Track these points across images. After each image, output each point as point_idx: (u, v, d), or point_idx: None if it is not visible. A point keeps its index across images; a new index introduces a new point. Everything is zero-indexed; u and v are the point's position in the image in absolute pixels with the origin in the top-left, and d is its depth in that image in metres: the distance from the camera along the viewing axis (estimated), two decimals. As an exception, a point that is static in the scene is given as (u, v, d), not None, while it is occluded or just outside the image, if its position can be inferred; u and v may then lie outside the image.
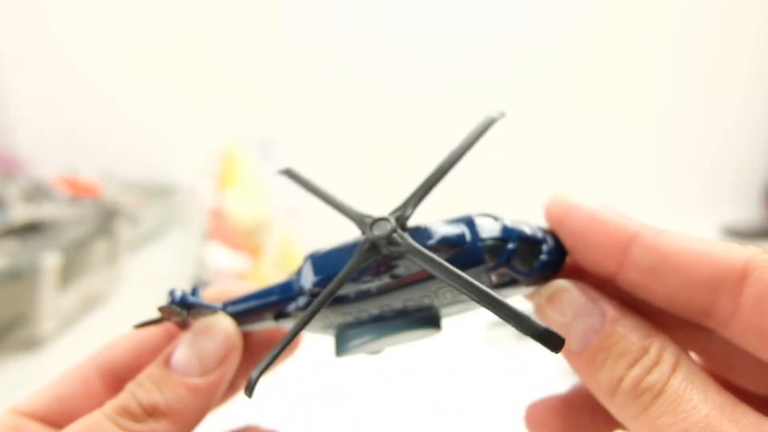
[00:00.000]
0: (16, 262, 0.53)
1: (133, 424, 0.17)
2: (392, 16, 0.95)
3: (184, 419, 0.17)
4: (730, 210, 0.98)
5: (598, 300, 0.16)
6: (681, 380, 0.14)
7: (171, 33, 0.96)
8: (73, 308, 0.61)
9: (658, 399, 0.14)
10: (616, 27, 0.96)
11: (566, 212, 0.17)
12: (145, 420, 0.17)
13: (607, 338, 0.15)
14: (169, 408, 0.17)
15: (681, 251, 0.15)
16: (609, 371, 0.15)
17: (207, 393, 0.17)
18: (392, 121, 0.98)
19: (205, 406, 0.18)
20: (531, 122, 0.99)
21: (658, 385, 0.14)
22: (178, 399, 0.17)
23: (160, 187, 0.94)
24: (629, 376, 0.15)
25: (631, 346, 0.15)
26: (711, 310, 0.15)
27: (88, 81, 0.99)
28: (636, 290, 0.16)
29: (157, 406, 0.17)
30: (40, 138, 1.01)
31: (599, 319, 0.16)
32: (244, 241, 0.68)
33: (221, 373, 0.18)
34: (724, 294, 0.15)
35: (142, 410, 0.17)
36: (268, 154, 0.74)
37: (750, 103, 1.00)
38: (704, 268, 0.15)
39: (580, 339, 0.16)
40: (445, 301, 0.18)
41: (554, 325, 0.16)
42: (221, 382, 0.18)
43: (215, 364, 0.18)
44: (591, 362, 0.15)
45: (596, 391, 0.16)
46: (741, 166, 1.03)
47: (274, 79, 0.96)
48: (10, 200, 0.65)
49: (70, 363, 0.21)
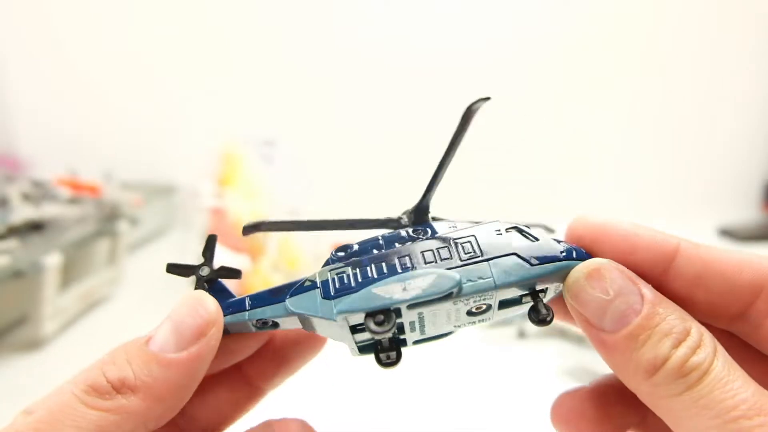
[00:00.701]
0: (18, 262, 0.53)
1: (100, 402, 0.16)
2: (393, 15, 0.95)
3: (155, 394, 0.17)
4: (728, 211, 0.98)
5: (637, 281, 0.16)
6: (723, 362, 0.15)
7: (171, 33, 0.96)
8: (74, 308, 0.61)
9: (705, 377, 0.14)
10: (616, 28, 0.96)
11: (601, 232, 0.18)
12: (113, 396, 0.16)
13: (650, 318, 0.16)
14: (139, 382, 0.17)
15: (723, 259, 0.17)
16: (652, 350, 0.15)
17: (181, 368, 0.17)
18: (393, 121, 0.98)
19: (181, 382, 0.17)
20: (530, 124, 0.99)
21: (705, 364, 0.15)
22: (148, 373, 0.17)
23: (161, 187, 0.94)
24: (676, 355, 0.15)
25: (674, 327, 0.15)
26: (748, 312, 0.17)
27: (89, 81, 0.99)
28: (678, 301, 0.17)
29: (125, 381, 0.17)
30: (41, 138, 1.01)
31: (639, 299, 0.16)
32: (244, 241, 0.68)
33: (198, 350, 0.17)
34: (764, 296, 0.16)
35: (111, 386, 0.17)
36: (268, 154, 0.74)
37: (749, 104, 1.00)
38: (747, 273, 0.17)
39: (618, 318, 0.16)
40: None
41: (592, 302, 0.16)
42: (199, 359, 0.17)
43: (191, 339, 0.17)
44: (629, 342, 0.16)
45: (631, 370, 0.16)
46: (740, 168, 1.03)
47: (274, 79, 0.96)
48: (12, 200, 0.65)
49: (71, 362, 0.21)
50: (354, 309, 0.18)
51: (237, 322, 0.19)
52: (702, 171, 1.02)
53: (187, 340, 0.17)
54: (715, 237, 0.92)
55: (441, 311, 0.18)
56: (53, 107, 1.00)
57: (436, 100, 0.97)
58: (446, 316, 0.19)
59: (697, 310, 0.17)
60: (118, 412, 0.16)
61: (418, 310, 0.18)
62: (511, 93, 0.98)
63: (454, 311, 0.18)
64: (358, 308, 0.17)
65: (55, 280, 0.56)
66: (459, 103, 0.88)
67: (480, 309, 0.18)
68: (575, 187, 1.00)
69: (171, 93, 0.98)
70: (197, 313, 0.18)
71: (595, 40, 0.96)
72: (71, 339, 0.59)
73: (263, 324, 0.20)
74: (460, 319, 0.19)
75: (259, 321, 0.19)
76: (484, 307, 0.18)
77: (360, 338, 0.19)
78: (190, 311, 0.18)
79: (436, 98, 0.97)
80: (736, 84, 0.99)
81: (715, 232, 0.93)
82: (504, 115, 0.98)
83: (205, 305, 0.18)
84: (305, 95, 0.97)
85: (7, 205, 0.64)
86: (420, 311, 0.18)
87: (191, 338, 0.17)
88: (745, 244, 0.89)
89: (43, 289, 0.55)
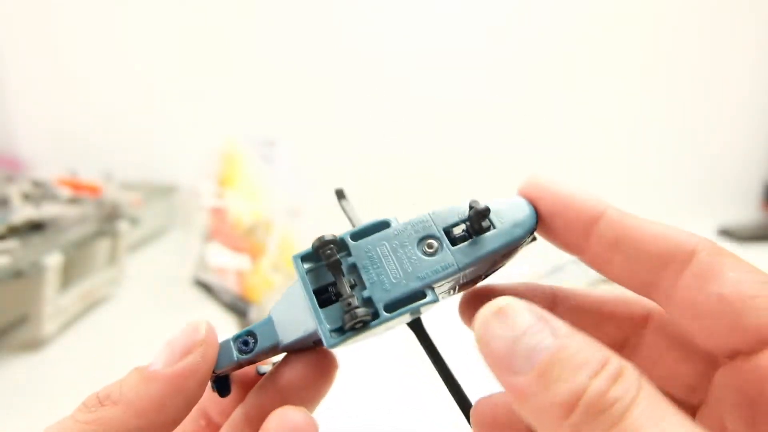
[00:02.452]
0: (18, 262, 0.53)
1: (84, 415, 0.17)
2: (394, 15, 0.95)
3: (136, 408, 0.17)
4: (728, 211, 0.98)
5: (547, 318, 0.15)
6: (649, 393, 0.13)
7: (171, 33, 0.96)
8: (74, 308, 0.61)
9: (629, 412, 0.13)
10: (615, 24, 0.96)
11: (542, 191, 0.20)
12: (97, 409, 0.17)
13: (563, 350, 0.14)
14: (121, 396, 0.17)
15: (641, 227, 0.18)
16: (566, 384, 0.13)
17: (165, 383, 0.17)
18: (393, 121, 0.98)
19: (162, 396, 0.17)
20: (530, 119, 0.99)
21: (628, 396, 0.13)
22: (131, 387, 0.17)
23: (161, 186, 0.94)
24: (593, 386, 0.13)
25: (591, 357, 0.14)
26: (659, 282, 0.17)
27: (89, 81, 0.99)
28: (599, 265, 0.18)
29: (109, 395, 0.17)
30: (41, 138, 1.01)
31: (550, 335, 0.14)
32: (244, 241, 0.68)
33: (185, 366, 0.18)
34: (672, 268, 0.17)
35: (97, 400, 0.17)
36: (268, 154, 0.74)
37: (749, 104, 1.00)
38: (660, 244, 0.17)
39: (528, 356, 0.14)
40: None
41: (499, 341, 0.15)
42: (186, 375, 0.18)
43: (179, 356, 0.18)
44: (542, 380, 0.14)
45: (547, 415, 0.14)
46: (740, 168, 1.03)
47: (274, 78, 0.96)
48: (12, 200, 0.65)
49: (71, 362, 0.21)
50: None
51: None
52: (702, 170, 1.02)
53: (176, 357, 0.18)
54: (715, 237, 0.92)
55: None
56: (53, 107, 1.00)
57: (437, 100, 0.97)
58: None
59: (613, 274, 0.18)
60: (97, 424, 0.17)
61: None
62: (509, 90, 0.98)
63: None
64: None
65: (55, 280, 0.57)
66: (459, 104, 0.88)
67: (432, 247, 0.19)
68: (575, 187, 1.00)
69: (171, 93, 0.98)
70: (188, 334, 0.18)
71: (594, 39, 0.96)
72: (71, 339, 0.59)
73: (244, 344, 0.20)
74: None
75: (238, 340, 0.20)
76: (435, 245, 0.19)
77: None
78: (182, 333, 0.19)
79: (436, 98, 0.97)
80: (736, 83, 0.99)
81: (715, 231, 0.93)
82: (503, 113, 0.98)
83: (198, 328, 0.19)
84: (305, 95, 0.97)
85: (8, 205, 0.64)
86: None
87: (179, 355, 0.18)
88: (745, 244, 0.89)
89: (43, 289, 0.55)
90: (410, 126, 0.98)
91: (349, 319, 0.18)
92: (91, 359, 0.55)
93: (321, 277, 0.19)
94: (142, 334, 0.60)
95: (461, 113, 0.98)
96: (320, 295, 0.19)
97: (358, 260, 0.19)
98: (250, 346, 0.20)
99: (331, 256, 0.19)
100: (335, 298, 0.19)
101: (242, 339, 0.20)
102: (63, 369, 0.53)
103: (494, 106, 0.98)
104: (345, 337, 0.18)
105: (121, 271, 0.71)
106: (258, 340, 0.20)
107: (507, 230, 0.19)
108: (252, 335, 0.20)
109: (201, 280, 0.72)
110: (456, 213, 0.20)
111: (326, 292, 0.19)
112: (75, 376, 0.51)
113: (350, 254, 0.19)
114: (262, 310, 0.62)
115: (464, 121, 0.98)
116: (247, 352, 0.20)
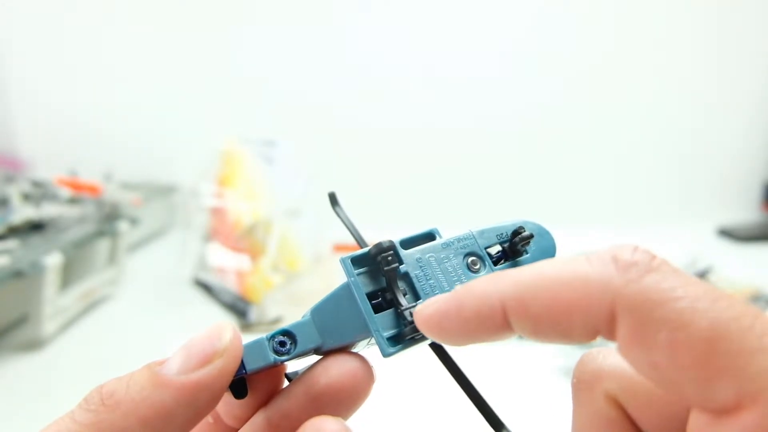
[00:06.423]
0: (18, 262, 0.53)
1: (84, 415, 0.15)
2: (394, 19, 0.95)
3: (139, 415, 0.15)
4: (728, 211, 0.98)
5: None
6: None
7: (171, 33, 0.96)
8: (74, 308, 0.61)
9: None
10: (614, 30, 0.96)
11: None
12: (98, 408, 0.16)
13: None
14: (126, 398, 0.16)
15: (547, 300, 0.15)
16: None
17: (176, 392, 0.16)
18: (393, 122, 0.98)
19: (173, 407, 0.16)
20: (531, 123, 0.99)
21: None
22: (139, 388, 0.16)
23: (161, 186, 0.94)
24: None
25: None
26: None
27: (89, 81, 0.99)
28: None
29: (113, 394, 0.16)
30: (41, 138, 1.01)
31: None
32: (243, 241, 0.68)
33: (200, 378, 0.16)
34: (604, 335, 0.15)
35: (99, 398, 0.16)
36: (268, 154, 0.74)
37: (749, 104, 1.00)
38: (578, 323, 0.14)
39: None
40: None
41: None
42: (200, 386, 0.16)
43: (195, 365, 0.16)
44: None
45: None
46: (740, 168, 1.03)
47: (275, 79, 0.96)
48: (12, 200, 0.65)
49: (71, 362, 0.21)
50: None
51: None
52: (702, 171, 1.02)
53: (192, 365, 0.16)
54: (714, 237, 0.92)
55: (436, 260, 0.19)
56: (53, 107, 1.00)
57: (436, 100, 0.97)
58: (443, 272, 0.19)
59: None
60: (95, 429, 0.15)
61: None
62: (513, 99, 0.98)
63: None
64: None
65: (55, 280, 0.57)
66: (460, 105, 0.88)
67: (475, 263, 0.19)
68: (575, 187, 1.00)
69: (171, 93, 0.98)
70: (209, 339, 0.17)
71: (594, 42, 0.96)
72: (71, 339, 0.59)
73: (281, 344, 0.19)
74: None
75: (274, 339, 0.19)
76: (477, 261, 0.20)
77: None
78: (203, 337, 0.17)
79: (436, 99, 0.97)
80: (737, 84, 0.99)
81: (715, 232, 0.93)
82: (505, 120, 0.98)
83: (222, 334, 0.17)
84: (306, 96, 0.97)
85: (8, 205, 0.64)
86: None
87: (196, 364, 0.16)
88: (745, 244, 0.89)
89: (43, 289, 0.55)
90: (410, 126, 0.98)
91: (410, 331, 0.18)
92: (91, 359, 0.55)
93: (369, 281, 0.19)
94: (142, 334, 0.60)
95: (461, 113, 0.98)
96: (370, 300, 0.19)
97: (410, 269, 0.19)
98: (287, 347, 0.19)
99: (390, 263, 0.18)
100: (386, 305, 0.19)
101: (278, 339, 0.18)
102: (63, 369, 0.53)
103: (494, 106, 0.98)
104: (402, 346, 0.18)
105: (121, 271, 0.71)
106: (297, 342, 0.19)
107: (538, 258, 0.20)
108: (289, 335, 0.19)
109: (201, 280, 0.72)
110: (496, 233, 0.20)
111: (376, 298, 0.19)
112: (75, 376, 0.51)
113: (401, 262, 0.19)
114: (262, 310, 0.62)
115: (464, 121, 0.98)
116: (285, 353, 0.18)
